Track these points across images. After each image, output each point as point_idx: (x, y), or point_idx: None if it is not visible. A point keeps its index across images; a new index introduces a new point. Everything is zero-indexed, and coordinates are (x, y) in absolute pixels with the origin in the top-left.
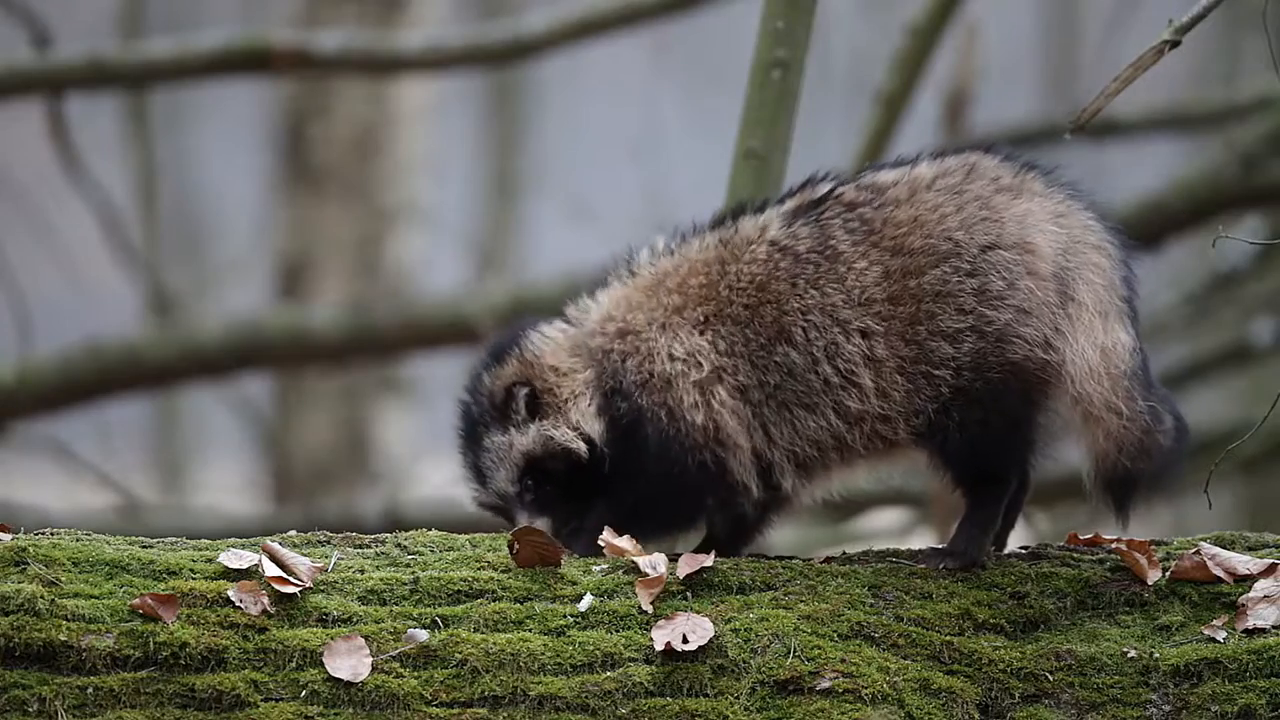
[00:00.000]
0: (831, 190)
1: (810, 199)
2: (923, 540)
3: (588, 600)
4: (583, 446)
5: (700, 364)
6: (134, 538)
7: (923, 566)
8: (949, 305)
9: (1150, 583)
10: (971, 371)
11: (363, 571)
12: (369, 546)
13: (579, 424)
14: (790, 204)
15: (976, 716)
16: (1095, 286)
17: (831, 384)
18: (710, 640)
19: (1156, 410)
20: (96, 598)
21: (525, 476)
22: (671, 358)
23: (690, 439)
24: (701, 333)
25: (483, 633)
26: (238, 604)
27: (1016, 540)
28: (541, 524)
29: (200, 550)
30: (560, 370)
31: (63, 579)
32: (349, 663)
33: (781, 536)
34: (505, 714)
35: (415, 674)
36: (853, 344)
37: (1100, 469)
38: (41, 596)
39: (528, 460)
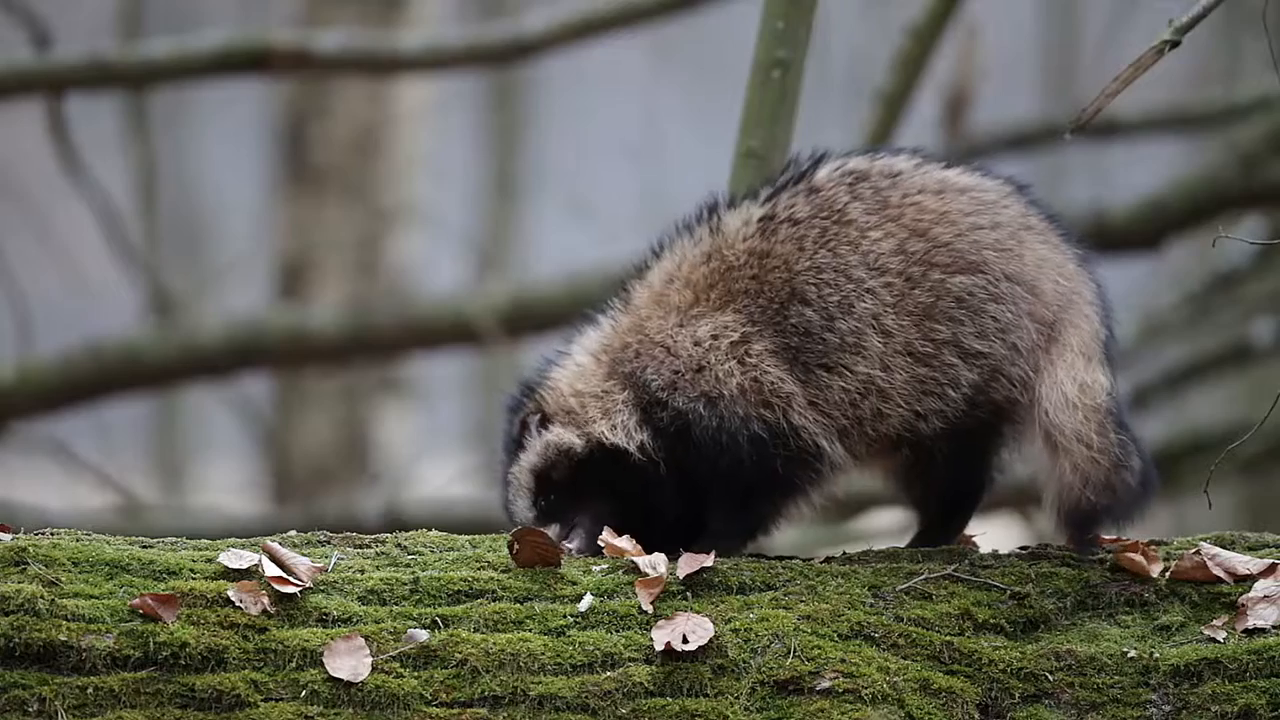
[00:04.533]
0: (812, 167)
1: (792, 175)
2: None
3: (588, 600)
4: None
5: (731, 332)
6: (134, 538)
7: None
8: (971, 322)
9: (1152, 580)
10: (968, 405)
11: (363, 571)
12: (369, 546)
13: (605, 436)
14: (769, 189)
15: (976, 716)
16: (1082, 333)
17: (847, 343)
18: (710, 640)
19: (1127, 447)
20: (96, 598)
21: (538, 496)
22: (696, 343)
23: (734, 418)
24: (721, 311)
25: (483, 633)
26: (238, 604)
27: (1016, 540)
28: (550, 531)
29: (200, 550)
30: (586, 393)
31: (63, 579)
32: (349, 663)
33: (781, 536)
34: (505, 714)
35: (415, 674)
36: (864, 304)
37: (1064, 501)
38: (41, 596)
39: (535, 476)
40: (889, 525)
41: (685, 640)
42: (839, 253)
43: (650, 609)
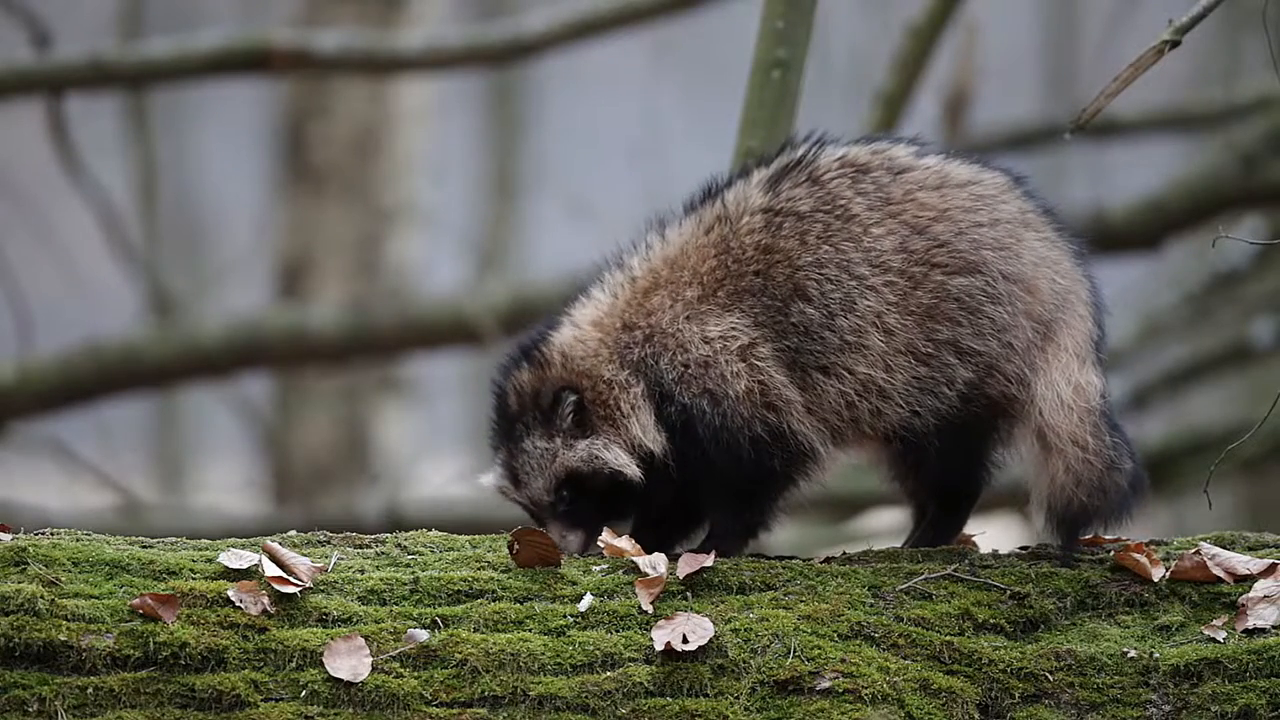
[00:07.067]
0: (808, 152)
1: (789, 161)
2: None
3: (588, 600)
4: (637, 472)
5: (740, 335)
6: (134, 538)
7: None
8: (969, 322)
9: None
10: (962, 401)
11: (363, 571)
12: (369, 546)
13: (641, 441)
14: (767, 171)
15: (976, 716)
16: (1076, 334)
17: (848, 342)
18: (710, 640)
19: (1119, 449)
20: (96, 598)
21: (563, 488)
22: (706, 340)
23: (737, 418)
24: (729, 311)
25: (483, 633)
26: (238, 604)
27: (1016, 540)
28: (575, 539)
29: (200, 550)
30: (613, 382)
31: (63, 579)
32: (349, 663)
33: (782, 536)
34: (505, 714)
35: (415, 674)
36: (867, 301)
37: (1055, 502)
38: (41, 596)
39: (570, 475)
40: (889, 525)
41: (685, 640)
42: (842, 248)
43: (650, 609)
